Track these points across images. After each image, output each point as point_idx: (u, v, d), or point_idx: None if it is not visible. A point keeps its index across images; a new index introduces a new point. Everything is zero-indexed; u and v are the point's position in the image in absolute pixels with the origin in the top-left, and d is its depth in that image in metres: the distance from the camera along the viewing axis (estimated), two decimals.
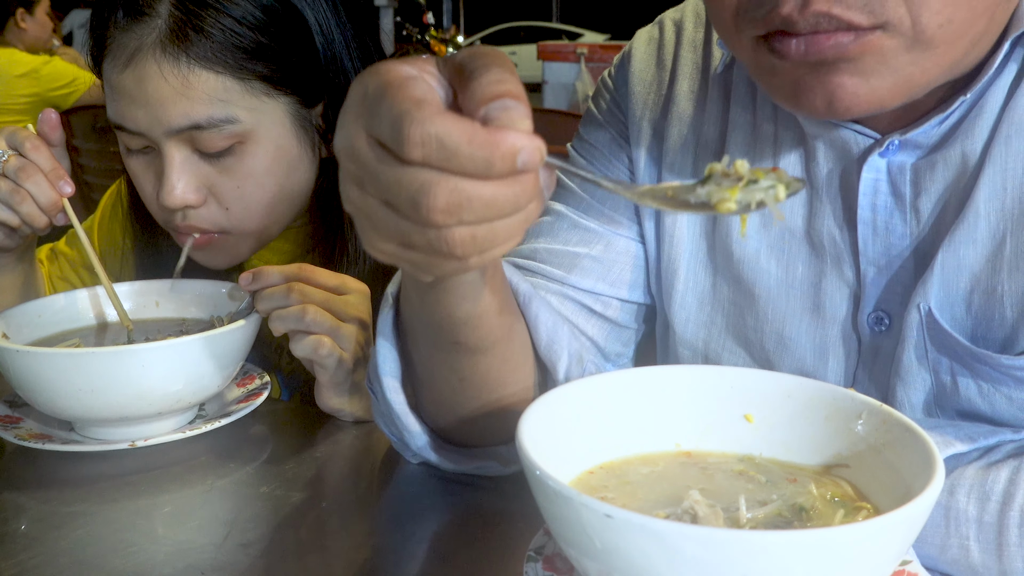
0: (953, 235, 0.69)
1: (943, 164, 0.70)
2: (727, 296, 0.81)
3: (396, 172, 0.48)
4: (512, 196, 0.48)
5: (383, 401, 0.76)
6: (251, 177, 1.03)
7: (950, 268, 0.69)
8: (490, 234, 0.49)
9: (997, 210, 0.68)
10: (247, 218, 1.05)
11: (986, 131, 0.69)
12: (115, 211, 1.26)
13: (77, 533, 0.74)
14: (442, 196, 0.47)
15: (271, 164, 1.04)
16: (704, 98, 0.84)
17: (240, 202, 1.04)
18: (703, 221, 0.82)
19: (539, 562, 0.61)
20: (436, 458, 0.79)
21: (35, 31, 4.07)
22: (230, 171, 1.03)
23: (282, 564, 0.70)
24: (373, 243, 0.53)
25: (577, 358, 0.78)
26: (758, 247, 0.78)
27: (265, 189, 1.05)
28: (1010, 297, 0.68)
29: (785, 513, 0.55)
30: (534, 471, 0.50)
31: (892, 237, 0.72)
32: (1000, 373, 0.68)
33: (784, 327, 0.78)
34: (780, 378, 0.63)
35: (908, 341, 0.71)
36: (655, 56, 0.88)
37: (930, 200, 0.71)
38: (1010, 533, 0.63)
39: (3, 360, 0.85)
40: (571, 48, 7.12)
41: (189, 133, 1.00)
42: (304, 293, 0.89)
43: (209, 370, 0.88)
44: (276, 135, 1.04)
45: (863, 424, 0.59)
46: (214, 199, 1.04)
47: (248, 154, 1.02)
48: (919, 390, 0.72)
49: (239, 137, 1.01)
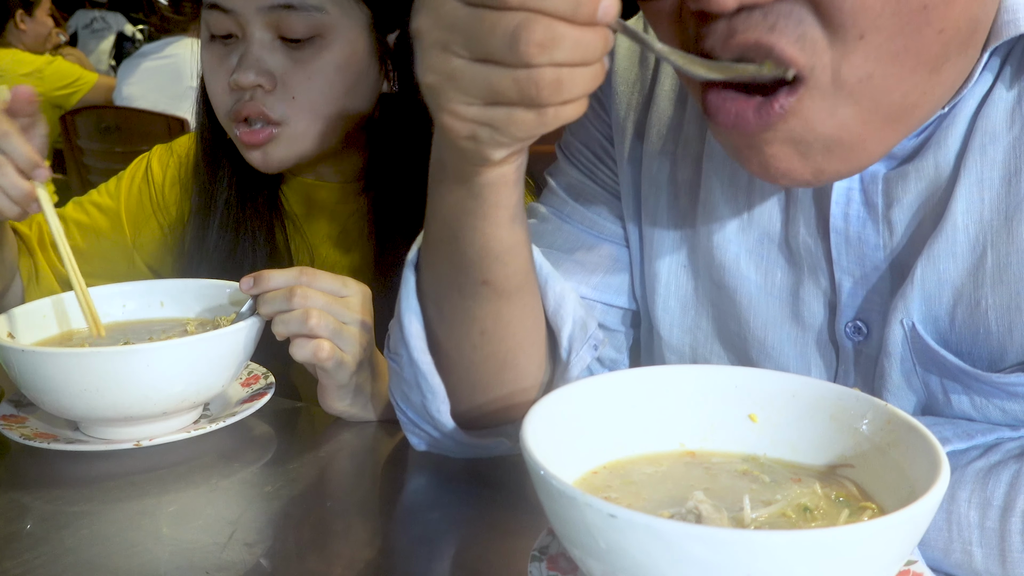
0: (931, 248, 0.67)
1: (915, 175, 0.68)
2: (710, 300, 0.80)
3: (492, 17, 0.52)
4: (593, 41, 0.53)
5: (409, 365, 0.77)
6: (322, 72, 1.10)
7: (931, 282, 0.68)
8: (571, 80, 0.53)
9: (976, 221, 0.66)
10: (308, 111, 1.11)
11: (958, 141, 0.67)
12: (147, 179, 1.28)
13: (82, 533, 0.74)
14: (539, 31, 0.51)
15: (343, 65, 1.11)
16: (686, 98, 0.83)
17: (307, 94, 1.10)
18: (683, 222, 0.82)
19: (543, 562, 0.61)
20: (451, 428, 0.79)
21: (35, 32, 4.07)
22: (305, 62, 1.09)
23: (286, 564, 0.70)
24: (456, 110, 0.56)
25: (581, 324, 0.79)
26: (737, 252, 0.77)
27: (333, 87, 1.11)
28: (995, 311, 0.66)
29: (789, 513, 0.55)
30: (538, 471, 0.50)
31: (865, 247, 0.71)
32: (992, 388, 0.67)
33: (766, 334, 0.77)
34: (785, 378, 0.63)
35: (893, 357, 0.70)
36: (638, 55, 0.87)
37: (903, 211, 0.69)
38: (1013, 540, 0.63)
39: (8, 360, 0.85)
40: None
41: (278, 14, 1.07)
42: (306, 296, 0.90)
43: (213, 370, 0.88)
44: (353, 39, 1.11)
45: (868, 424, 0.58)
46: (283, 87, 1.10)
47: (325, 48, 1.09)
48: (909, 404, 0.71)
49: (321, 30, 1.08)
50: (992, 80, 0.66)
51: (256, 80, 1.09)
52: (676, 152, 0.82)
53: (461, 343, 0.75)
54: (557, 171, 0.91)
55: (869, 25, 0.57)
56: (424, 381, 0.77)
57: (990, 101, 0.66)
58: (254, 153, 1.13)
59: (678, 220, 0.82)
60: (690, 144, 0.82)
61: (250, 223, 1.20)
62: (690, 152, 0.81)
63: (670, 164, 0.82)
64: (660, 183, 0.83)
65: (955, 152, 0.67)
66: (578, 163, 0.90)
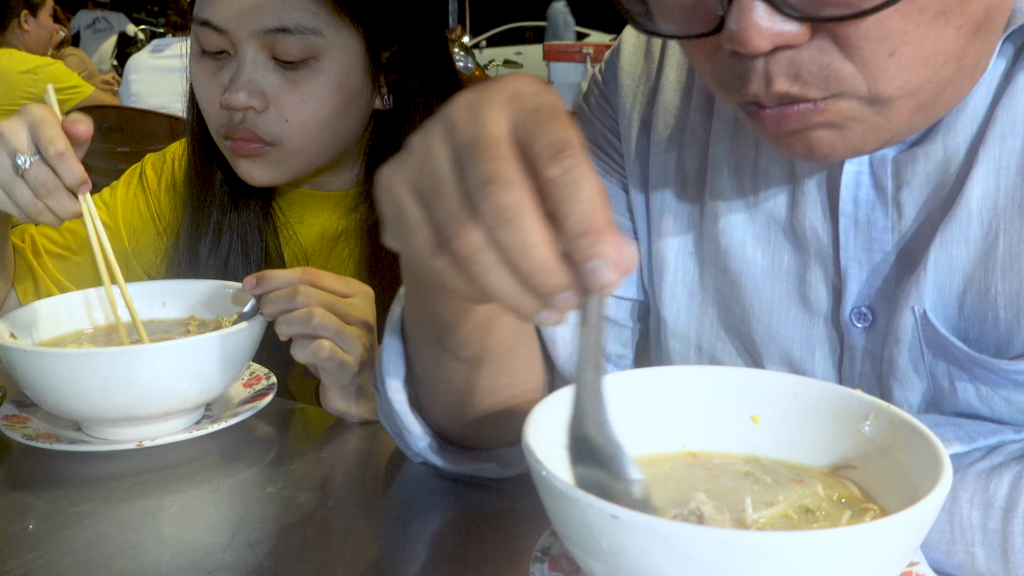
0: (944, 234, 0.68)
1: (924, 157, 0.70)
2: (715, 286, 0.81)
3: (462, 212, 0.48)
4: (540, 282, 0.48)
5: (385, 400, 0.76)
6: (316, 95, 1.09)
7: (943, 268, 0.68)
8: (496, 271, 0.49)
9: (990, 208, 0.67)
10: (301, 133, 1.10)
11: (970, 126, 0.68)
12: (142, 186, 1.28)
13: (84, 533, 0.74)
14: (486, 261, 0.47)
15: (337, 87, 1.10)
16: (691, 88, 0.84)
17: (300, 116, 1.09)
18: (690, 210, 0.82)
19: (545, 563, 0.61)
20: (436, 460, 0.79)
21: (37, 34, 4.08)
22: (298, 84, 1.08)
23: (288, 564, 0.70)
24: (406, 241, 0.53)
25: None
26: (744, 236, 0.78)
27: (326, 108, 1.10)
28: (1004, 298, 0.67)
29: (791, 514, 0.55)
30: (540, 471, 0.50)
31: (874, 231, 0.72)
32: (999, 376, 0.67)
33: (771, 319, 0.77)
34: (786, 379, 0.63)
35: (902, 344, 0.70)
36: (644, 48, 0.88)
37: (912, 194, 0.70)
38: (1015, 541, 0.63)
39: (11, 360, 0.85)
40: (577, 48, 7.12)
41: (273, 36, 1.06)
42: (309, 296, 0.90)
43: (216, 370, 0.88)
44: (347, 61, 1.10)
45: (870, 425, 0.58)
46: (276, 108, 1.09)
47: (319, 71, 1.08)
48: (916, 392, 0.71)
49: (315, 52, 1.07)
50: (1006, 66, 0.67)
51: (248, 102, 1.08)
52: (683, 141, 0.83)
53: (444, 388, 0.75)
54: None
55: (896, 42, 0.58)
56: (399, 420, 0.77)
57: (1012, 91, 0.67)
58: (244, 164, 1.12)
59: (685, 208, 0.83)
60: (696, 132, 0.83)
61: (243, 230, 1.20)
62: (696, 140, 0.82)
63: (677, 153, 0.83)
64: (667, 172, 0.84)
65: (966, 136, 0.68)
66: None
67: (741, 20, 0.57)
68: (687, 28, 0.62)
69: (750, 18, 0.57)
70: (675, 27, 0.64)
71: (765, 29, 0.57)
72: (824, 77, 0.60)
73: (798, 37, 0.58)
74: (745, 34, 0.57)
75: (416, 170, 0.52)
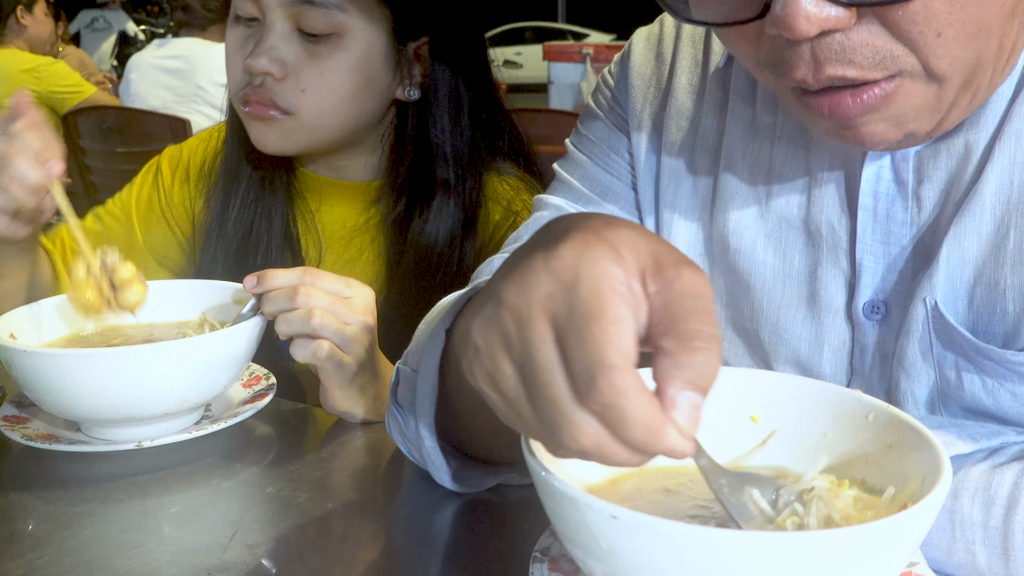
0: (958, 227, 0.69)
1: (946, 153, 0.70)
2: (723, 286, 0.81)
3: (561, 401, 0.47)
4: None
5: (414, 436, 0.75)
6: (335, 70, 1.11)
7: (955, 261, 0.69)
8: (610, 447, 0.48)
9: (1003, 203, 0.68)
10: (317, 106, 1.12)
11: (992, 122, 0.69)
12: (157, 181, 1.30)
13: (83, 533, 0.74)
14: None
15: (357, 65, 1.11)
16: (703, 91, 0.84)
17: (317, 88, 1.11)
18: (700, 212, 0.83)
19: (545, 563, 0.61)
20: (463, 487, 0.77)
21: (35, 29, 4.09)
22: (320, 57, 1.10)
23: (288, 565, 0.70)
24: None
25: None
26: (755, 237, 0.79)
27: (344, 85, 1.12)
28: (1012, 291, 0.67)
29: (791, 515, 0.55)
30: (540, 472, 0.50)
31: (892, 225, 0.73)
32: (1005, 369, 0.68)
33: (779, 317, 0.78)
34: (786, 379, 0.63)
35: (912, 335, 0.71)
36: (655, 50, 0.89)
37: (932, 188, 0.71)
38: (1016, 538, 0.63)
39: (10, 361, 0.85)
40: (577, 48, 7.12)
41: (299, 8, 1.08)
42: (309, 296, 0.90)
43: (215, 371, 0.88)
44: (370, 41, 1.12)
45: (870, 425, 0.58)
46: (295, 78, 1.11)
47: (341, 47, 1.10)
48: (923, 384, 0.71)
49: (339, 28, 1.09)
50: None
51: (267, 67, 1.10)
52: (694, 144, 0.84)
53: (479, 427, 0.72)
54: (570, 164, 0.92)
55: (943, 23, 0.59)
56: (428, 457, 0.74)
57: None
58: (257, 128, 1.14)
59: (695, 210, 0.83)
60: (708, 136, 0.83)
61: (268, 201, 1.22)
62: (708, 144, 0.83)
63: (688, 156, 0.84)
64: (678, 174, 0.84)
65: (989, 133, 0.69)
66: (593, 156, 0.90)
67: (788, 5, 0.58)
68: (730, 14, 0.63)
69: (797, 3, 0.57)
70: (717, 14, 0.64)
71: (812, 15, 0.58)
72: (880, 59, 0.60)
73: (844, 21, 0.59)
74: (793, 19, 0.58)
75: (486, 378, 0.51)
